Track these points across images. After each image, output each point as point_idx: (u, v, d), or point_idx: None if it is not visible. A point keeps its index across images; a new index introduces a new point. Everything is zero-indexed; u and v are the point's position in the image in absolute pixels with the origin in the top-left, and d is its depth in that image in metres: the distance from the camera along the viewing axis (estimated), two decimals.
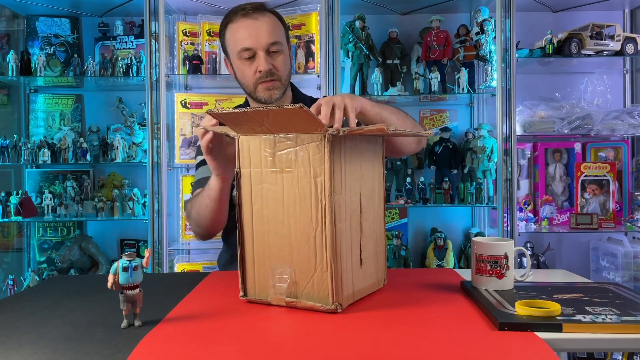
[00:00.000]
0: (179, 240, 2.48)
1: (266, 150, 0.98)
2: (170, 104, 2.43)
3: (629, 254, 2.27)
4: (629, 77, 2.55)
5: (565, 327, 0.85)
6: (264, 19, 1.38)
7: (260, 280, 1.02)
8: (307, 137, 0.94)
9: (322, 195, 0.93)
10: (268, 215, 1.00)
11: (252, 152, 1.00)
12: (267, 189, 0.99)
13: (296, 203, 0.96)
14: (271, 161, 0.98)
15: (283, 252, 0.99)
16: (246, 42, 1.37)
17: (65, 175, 2.49)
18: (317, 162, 0.93)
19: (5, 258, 2.54)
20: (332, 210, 0.93)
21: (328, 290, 0.95)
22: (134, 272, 0.89)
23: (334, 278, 0.94)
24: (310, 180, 0.94)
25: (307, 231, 0.95)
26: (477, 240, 1.11)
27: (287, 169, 0.96)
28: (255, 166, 1.00)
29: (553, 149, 2.48)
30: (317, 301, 0.96)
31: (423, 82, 2.39)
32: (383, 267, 1.13)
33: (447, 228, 2.56)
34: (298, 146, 0.95)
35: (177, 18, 2.49)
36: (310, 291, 0.97)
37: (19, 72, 2.32)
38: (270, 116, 0.92)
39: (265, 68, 1.37)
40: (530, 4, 2.44)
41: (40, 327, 0.91)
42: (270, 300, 1.01)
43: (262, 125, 0.95)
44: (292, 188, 0.96)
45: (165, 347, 0.81)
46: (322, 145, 0.92)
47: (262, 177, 1.00)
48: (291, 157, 0.96)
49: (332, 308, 0.95)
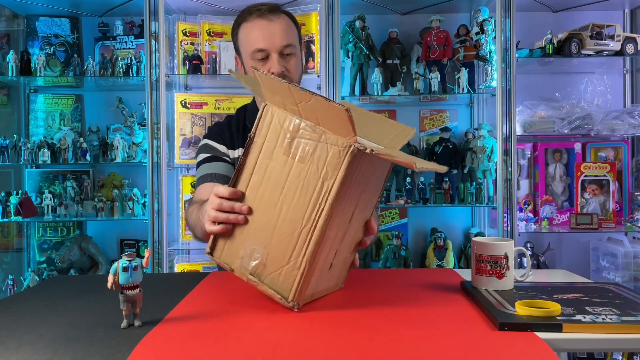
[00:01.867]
0: (179, 240, 2.48)
1: (288, 130, 0.96)
2: (170, 104, 2.43)
3: (629, 254, 2.27)
4: (629, 77, 2.55)
5: (565, 327, 0.85)
6: (278, 20, 1.38)
7: (231, 247, 1.02)
8: (333, 138, 0.91)
9: (324, 199, 0.92)
10: (263, 193, 0.98)
11: (273, 125, 0.98)
12: (272, 167, 0.97)
13: (295, 194, 0.94)
14: (288, 143, 0.96)
15: (264, 232, 0.97)
16: (260, 44, 1.37)
17: (65, 175, 2.49)
18: (333, 166, 0.91)
19: (5, 258, 2.54)
20: (327, 218, 0.92)
21: (293, 286, 0.95)
22: (134, 272, 0.89)
23: (303, 278, 0.94)
24: (319, 180, 0.92)
25: (295, 224, 0.94)
26: (477, 240, 1.11)
27: (300, 158, 0.94)
28: (270, 140, 0.98)
29: (553, 149, 2.48)
30: (278, 291, 0.96)
31: (423, 82, 2.39)
32: (346, 271, 1.14)
33: (447, 228, 2.56)
34: (320, 142, 0.93)
35: (177, 18, 2.49)
36: (274, 279, 0.97)
37: (19, 72, 2.32)
38: (312, 101, 0.89)
39: (278, 70, 1.37)
40: (530, 4, 2.44)
41: (40, 327, 0.91)
42: (234, 270, 1.01)
43: (295, 105, 0.92)
44: (298, 178, 0.94)
45: (165, 347, 0.81)
46: (344, 154, 0.90)
47: (272, 154, 0.97)
48: (308, 149, 0.94)
49: (289, 305, 0.96)
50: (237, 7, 2.45)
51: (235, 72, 1.24)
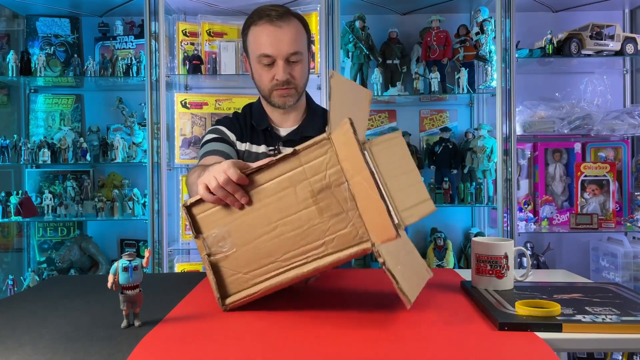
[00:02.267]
0: (179, 240, 2.48)
1: (330, 180, 0.90)
2: (170, 104, 2.44)
3: (629, 254, 2.27)
4: (629, 77, 2.56)
5: (565, 327, 0.85)
6: (288, 27, 1.37)
7: (210, 218, 0.99)
8: (359, 224, 0.89)
9: (313, 258, 0.92)
10: (267, 204, 0.94)
11: (320, 162, 0.90)
12: (290, 193, 0.92)
13: (294, 231, 0.92)
14: (320, 189, 0.91)
15: (245, 233, 0.96)
16: (267, 49, 1.37)
17: (65, 175, 2.49)
18: (340, 243, 0.91)
19: (5, 258, 2.54)
20: (303, 274, 0.92)
21: (237, 296, 0.97)
22: (134, 272, 0.89)
23: (250, 298, 0.96)
24: (322, 240, 0.91)
25: (275, 253, 0.93)
26: (477, 240, 1.11)
27: (319, 210, 0.91)
28: (309, 171, 0.92)
29: (553, 149, 2.48)
30: (220, 289, 0.98)
31: (423, 82, 2.39)
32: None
33: (447, 228, 2.56)
34: (346, 215, 0.90)
35: (177, 18, 2.49)
36: (226, 275, 0.97)
37: (19, 72, 2.32)
38: (365, 188, 0.86)
39: (282, 78, 1.37)
40: (530, 4, 2.44)
41: (40, 327, 0.91)
42: (199, 237, 0.99)
43: (352, 175, 0.88)
44: (305, 223, 0.92)
45: (165, 347, 0.81)
46: (356, 245, 0.89)
47: (299, 183, 0.92)
48: (333, 210, 0.91)
49: (220, 305, 0.98)
50: (237, 7, 2.46)
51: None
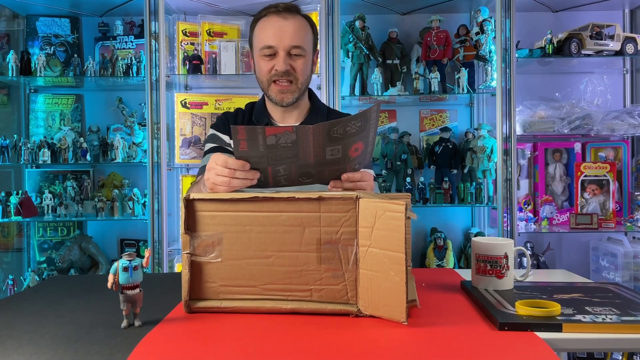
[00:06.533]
0: (179, 240, 2.47)
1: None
2: (170, 104, 2.43)
3: (629, 253, 2.27)
4: (629, 77, 2.56)
5: (565, 327, 0.85)
6: (293, 20, 1.37)
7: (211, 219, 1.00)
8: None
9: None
10: (263, 240, 0.97)
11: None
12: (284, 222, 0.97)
13: (287, 272, 0.97)
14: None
15: (245, 252, 0.98)
16: (269, 40, 1.36)
17: (65, 175, 2.49)
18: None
19: (5, 258, 2.54)
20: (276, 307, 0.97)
21: (206, 304, 0.98)
22: (134, 272, 0.89)
23: (217, 309, 0.98)
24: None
25: (257, 277, 0.97)
26: (477, 240, 1.11)
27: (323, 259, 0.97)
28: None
29: (553, 149, 2.48)
30: (192, 291, 0.99)
31: (423, 82, 2.39)
32: None
33: (447, 228, 2.56)
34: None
35: (177, 18, 2.49)
36: (204, 281, 0.99)
37: (19, 72, 2.32)
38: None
39: (282, 68, 1.36)
40: (530, 4, 2.44)
41: (40, 327, 0.91)
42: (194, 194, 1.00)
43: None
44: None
45: (165, 347, 0.81)
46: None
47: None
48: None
49: (184, 306, 0.98)
50: (237, 7, 2.46)
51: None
